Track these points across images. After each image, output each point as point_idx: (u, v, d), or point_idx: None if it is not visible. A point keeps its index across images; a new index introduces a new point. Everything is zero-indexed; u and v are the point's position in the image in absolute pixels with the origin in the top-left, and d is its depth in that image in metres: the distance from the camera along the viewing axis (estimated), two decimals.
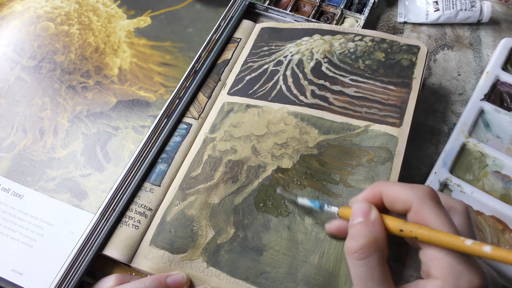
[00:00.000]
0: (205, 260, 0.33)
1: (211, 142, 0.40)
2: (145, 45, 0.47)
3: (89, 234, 0.35)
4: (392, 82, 0.41)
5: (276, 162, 0.38)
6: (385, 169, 0.36)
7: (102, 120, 0.41)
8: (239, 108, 0.42)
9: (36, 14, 0.48)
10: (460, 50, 0.51)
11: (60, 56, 0.45)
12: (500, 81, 0.45)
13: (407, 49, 0.43)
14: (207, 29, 0.48)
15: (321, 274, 0.32)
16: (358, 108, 0.40)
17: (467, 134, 0.41)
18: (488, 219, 0.38)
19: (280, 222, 0.35)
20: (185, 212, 0.36)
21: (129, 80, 0.44)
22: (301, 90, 0.42)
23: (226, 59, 0.47)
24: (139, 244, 0.35)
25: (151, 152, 0.39)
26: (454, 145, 0.41)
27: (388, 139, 0.37)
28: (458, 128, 0.42)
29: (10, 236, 0.35)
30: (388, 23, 0.54)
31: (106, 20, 0.48)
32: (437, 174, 0.39)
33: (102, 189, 0.37)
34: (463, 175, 0.40)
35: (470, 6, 0.51)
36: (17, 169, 0.38)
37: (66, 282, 0.33)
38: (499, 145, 0.42)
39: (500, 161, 0.40)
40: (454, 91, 0.48)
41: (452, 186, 0.39)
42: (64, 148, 0.39)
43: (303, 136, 0.39)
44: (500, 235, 0.37)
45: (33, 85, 0.43)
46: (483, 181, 0.40)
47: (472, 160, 0.41)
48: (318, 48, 0.45)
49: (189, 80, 0.44)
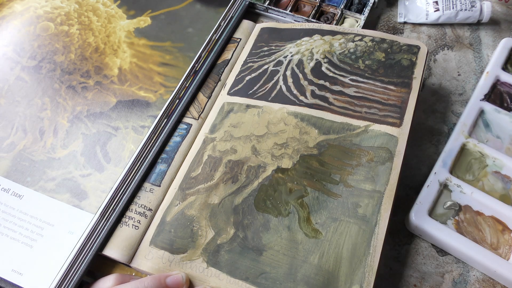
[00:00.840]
0: (205, 260, 0.33)
1: (211, 142, 0.40)
2: (145, 45, 0.47)
3: (89, 234, 0.35)
4: (392, 82, 0.41)
5: (276, 162, 0.38)
6: (385, 169, 0.36)
7: (102, 120, 0.41)
8: (239, 108, 0.42)
9: (36, 14, 0.48)
10: (460, 50, 0.51)
11: (60, 56, 0.45)
12: (500, 81, 0.45)
13: (407, 49, 0.43)
14: (207, 29, 0.48)
15: (321, 274, 0.32)
16: (358, 108, 0.40)
17: (467, 134, 0.41)
18: (487, 220, 0.38)
19: (280, 222, 0.35)
20: (185, 212, 0.36)
21: (129, 80, 0.44)
22: (301, 90, 0.42)
23: (226, 59, 0.47)
24: (139, 244, 0.35)
25: (151, 152, 0.39)
26: (454, 145, 0.41)
27: (388, 139, 0.37)
28: (458, 128, 0.42)
29: (10, 236, 0.35)
30: (388, 23, 0.54)
31: (106, 20, 0.48)
32: (437, 174, 0.39)
33: (102, 189, 0.37)
34: (463, 175, 0.40)
35: (470, 6, 0.51)
36: (17, 169, 0.38)
37: (66, 282, 0.33)
38: (499, 145, 0.42)
39: (500, 162, 0.40)
40: (454, 91, 0.48)
41: (452, 186, 0.39)
42: (64, 148, 0.39)
43: (303, 136, 0.39)
44: (499, 235, 0.37)
45: (33, 85, 0.43)
46: (483, 181, 0.40)
47: (472, 160, 0.40)
48: (318, 48, 0.45)
49: (189, 80, 0.44)
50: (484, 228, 0.37)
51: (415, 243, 0.38)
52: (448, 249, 0.37)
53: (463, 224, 0.37)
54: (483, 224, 0.37)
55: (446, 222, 0.37)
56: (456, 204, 0.38)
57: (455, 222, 0.38)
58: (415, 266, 0.37)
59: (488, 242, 0.37)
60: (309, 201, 0.35)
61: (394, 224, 0.39)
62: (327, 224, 0.34)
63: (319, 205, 0.35)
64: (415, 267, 0.37)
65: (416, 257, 0.38)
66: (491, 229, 0.37)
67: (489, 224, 0.37)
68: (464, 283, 0.36)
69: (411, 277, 0.37)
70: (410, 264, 0.37)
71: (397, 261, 0.37)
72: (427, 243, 0.38)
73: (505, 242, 0.37)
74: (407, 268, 0.37)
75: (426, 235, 0.37)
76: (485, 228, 0.37)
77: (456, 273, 0.37)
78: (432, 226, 0.36)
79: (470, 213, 0.38)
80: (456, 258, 0.37)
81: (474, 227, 0.37)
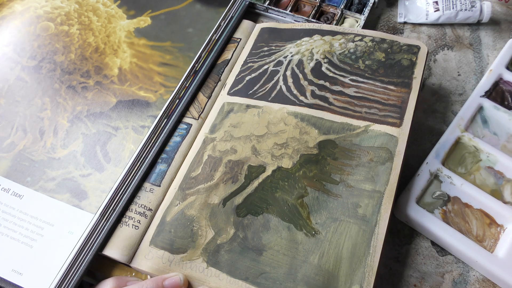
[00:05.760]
0: (205, 260, 0.33)
1: (211, 142, 0.40)
2: (145, 45, 0.47)
3: (89, 234, 0.35)
4: (392, 82, 0.41)
5: (276, 162, 0.38)
6: (385, 169, 0.36)
7: (102, 120, 0.41)
8: (239, 108, 0.42)
9: (36, 14, 0.48)
10: (460, 50, 0.51)
11: (60, 56, 0.45)
12: (503, 79, 0.45)
13: (407, 49, 0.43)
14: (207, 29, 0.48)
15: (321, 274, 0.32)
16: (358, 108, 0.40)
17: (463, 128, 0.42)
18: (476, 212, 0.38)
19: (280, 222, 0.35)
20: (185, 212, 0.36)
21: (129, 80, 0.44)
22: (301, 90, 0.42)
23: (226, 59, 0.47)
24: (139, 244, 0.35)
25: (151, 152, 0.39)
26: (449, 138, 0.41)
27: (388, 139, 0.37)
28: (455, 122, 0.42)
29: (10, 236, 0.35)
30: (388, 23, 0.54)
31: (106, 20, 0.48)
32: (428, 164, 0.39)
33: (102, 189, 0.37)
34: (455, 167, 0.40)
35: (470, 6, 0.51)
36: (17, 169, 0.38)
37: (66, 282, 0.33)
38: (495, 141, 0.42)
39: (494, 157, 0.40)
40: (454, 91, 0.48)
41: (443, 177, 0.39)
42: (64, 148, 0.39)
43: (303, 136, 0.39)
44: (486, 228, 0.37)
45: (33, 85, 0.43)
46: (474, 175, 0.40)
47: (466, 154, 0.41)
48: (318, 48, 0.45)
49: (189, 80, 0.44)
50: (471, 220, 0.37)
51: (415, 243, 0.38)
52: (434, 238, 0.37)
53: (450, 214, 0.38)
54: (470, 216, 0.38)
55: (433, 211, 0.38)
56: (445, 194, 0.39)
57: (443, 212, 0.38)
58: (415, 266, 0.37)
59: (474, 234, 0.37)
60: (309, 201, 0.35)
61: (394, 224, 0.39)
62: (327, 224, 0.34)
63: (319, 205, 0.35)
64: (415, 267, 0.37)
65: (416, 257, 0.38)
66: (478, 222, 0.37)
67: (477, 216, 0.38)
68: (464, 283, 0.36)
69: (411, 277, 0.37)
70: (410, 264, 0.37)
71: (397, 261, 0.37)
72: (427, 243, 0.38)
73: (491, 235, 0.37)
74: (407, 268, 0.37)
75: (412, 222, 0.38)
76: (472, 220, 0.37)
77: (456, 273, 0.37)
78: (419, 214, 0.37)
79: (458, 205, 0.38)
80: (456, 258, 0.37)
81: (461, 219, 0.38)
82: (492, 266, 0.35)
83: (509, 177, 0.39)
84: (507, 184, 0.39)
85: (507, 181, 0.39)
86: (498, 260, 0.35)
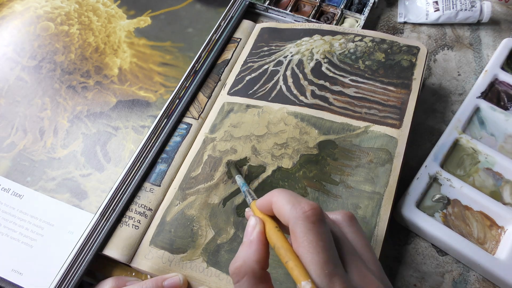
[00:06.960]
0: (205, 260, 0.33)
1: (211, 142, 0.40)
2: (145, 45, 0.47)
3: (89, 234, 0.35)
4: (392, 83, 0.41)
5: (276, 162, 0.38)
6: (384, 171, 0.36)
7: (102, 120, 0.41)
8: (239, 108, 0.42)
9: (36, 14, 0.48)
10: (460, 50, 0.51)
11: (60, 56, 0.45)
12: (498, 80, 0.45)
13: (407, 50, 0.43)
14: (207, 29, 0.48)
15: None
16: (358, 109, 0.40)
17: (461, 130, 0.41)
18: (476, 215, 0.38)
19: None
20: (185, 212, 0.36)
21: (129, 80, 0.44)
22: (301, 90, 0.42)
23: (226, 59, 0.47)
24: (139, 244, 0.35)
25: (151, 152, 0.39)
26: (447, 140, 0.41)
27: (388, 141, 0.37)
28: (452, 124, 0.42)
29: (10, 236, 0.35)
30: (388, 23, 0.54)
31: (106, 20, 0.48)
32: (427, 167, 0.39)
33: (102, 189, 0.37)
34: (454, 170, 0.40)
35: (470, 6, 0.51)
36: (17, 169, 0.38)
37: (66, 282, 0.33)
38: (493, 142, 0.42)
39: (492, 158, 0.40)
40: (454, 91, 0.48)
41: (442, 180, 0.39)
42: (64, 148, 0.39)
43: (303, 136, 0.39)
44: (487, 230, 0.37)
45: (33, 85, 0.43)
46: (473, 177, 0.40)
47: (464, 156, 0.41)
48: (318, 48, 0.45)
49: (189, 80, 0.44)
50: (472, 222, 0.37)
51: (415, 243, 0.38)
52: (436, 241, 0.37)
53: (450, 217, 0.38)
54: (471, 219, 0.38)
55: (433, 215, 0.38)
56: (445, 197, 0.38)
57: (443, 215, 0.38)
58: (415, 266, 0.37)
59: (475, 237, 0.37)
60: None
61: (394, 224, 0.39)
62: None
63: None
64: (415, 267, 0.37)
65: (416, 257, 0.38)
66: (478, 224, 0.37)
67: (477, 219, 0.38)
68: (464, 283, 0.36)
69: (411, 277, 0.37)
70: (410, 264, 0.37)
71: (397, 261, 0.38)
72: (427, 243, 0.38)
73: (492, 237, 0.37)
74: (407, 268, 0.37)
75: (413, 226, 0.38)
76: (472, 222, 0.37)
77: (456, 273, 0.37)
78: (419, 218, 0.37)
79: (458, 207, 0.38)
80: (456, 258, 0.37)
81: (462, 221, 0.38)
82: (494, 268, 0.34)
83: (508, 178, 0.39)
84: (506, 185, 0.39)
85: (506, 182, 0.39)
86: (500, 262, 0.35)
